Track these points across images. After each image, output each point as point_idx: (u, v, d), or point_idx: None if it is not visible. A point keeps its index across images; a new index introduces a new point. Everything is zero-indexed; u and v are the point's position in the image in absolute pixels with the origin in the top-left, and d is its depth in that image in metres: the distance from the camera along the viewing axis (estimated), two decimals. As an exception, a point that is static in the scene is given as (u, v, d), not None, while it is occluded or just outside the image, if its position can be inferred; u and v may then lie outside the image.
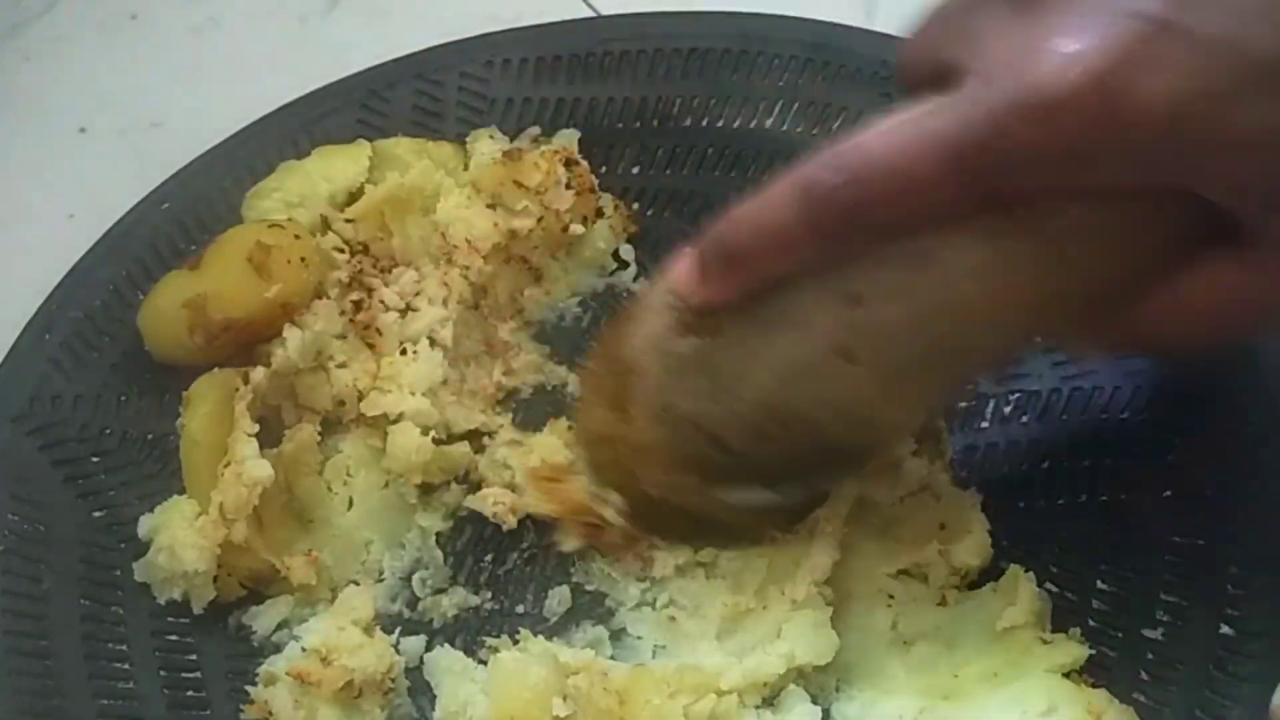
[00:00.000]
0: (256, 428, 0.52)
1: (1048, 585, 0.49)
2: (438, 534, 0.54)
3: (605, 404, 0.46)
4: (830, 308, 0.40)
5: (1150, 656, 0.46)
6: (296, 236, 0.56)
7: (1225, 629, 0.45)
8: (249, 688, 0.48)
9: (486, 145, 0.62)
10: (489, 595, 0.53)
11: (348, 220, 0.59)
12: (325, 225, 0.59)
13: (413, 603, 0.53)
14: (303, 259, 0.56)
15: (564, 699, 0.46)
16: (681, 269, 0.43)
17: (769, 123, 0.63)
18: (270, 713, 0.47)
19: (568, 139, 0.63)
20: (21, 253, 0.65)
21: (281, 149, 0.62)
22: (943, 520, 0.51)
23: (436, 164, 0.61)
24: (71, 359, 0.56)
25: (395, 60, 0.66)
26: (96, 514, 0.53)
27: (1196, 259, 0.39)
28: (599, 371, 0.48)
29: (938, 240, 0.38)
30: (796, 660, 0.48)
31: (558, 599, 0.53)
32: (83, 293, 0.58)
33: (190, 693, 0.49)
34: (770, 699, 0.49)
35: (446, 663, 0.50)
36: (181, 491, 0.53)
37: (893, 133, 0.38)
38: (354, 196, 0.60)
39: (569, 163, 0.61)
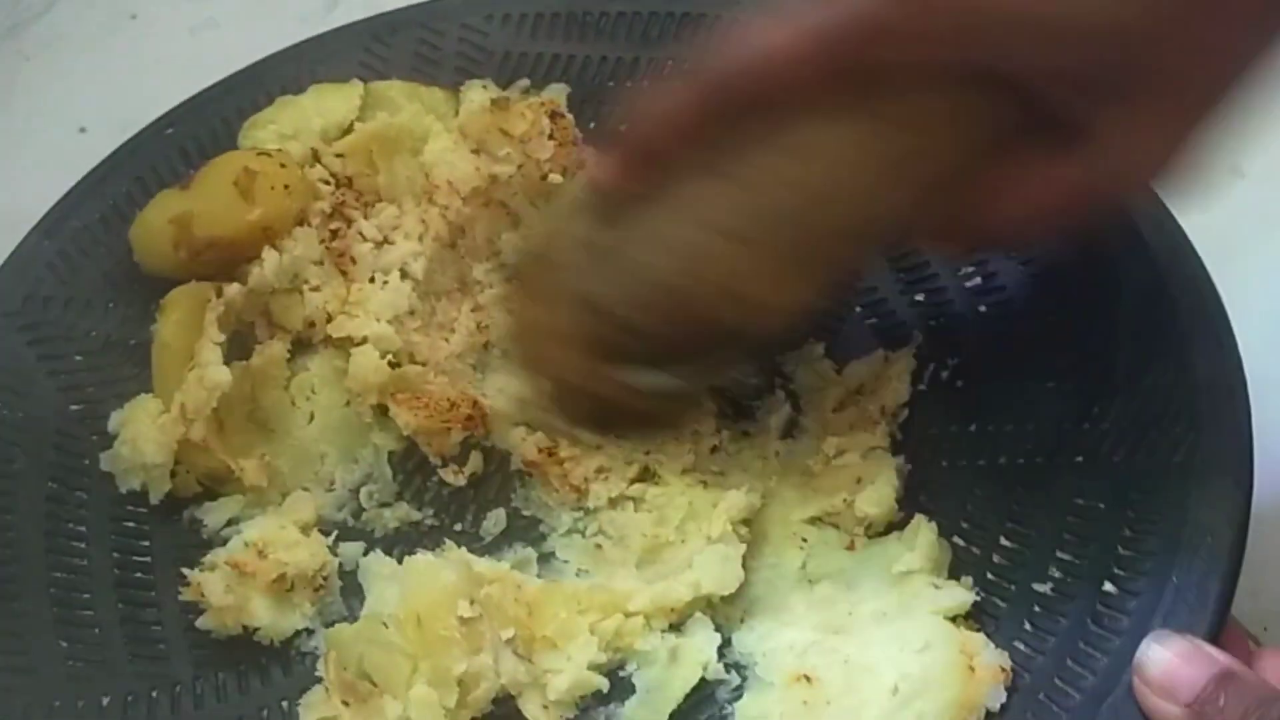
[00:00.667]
0: (223, 337, 0.56)
1: (955, 539, 0.51)
2: (390, 453, 0.57)
3: (532, 298, 0.49)
4: (717, 190, 0.44)
5: (1037, 609, 0.47)
6: (282, 165, 0.60)
7: (1109, 586, 0.46)
8: (186, 570, 0.51)
9: (477, 93, 0.65)
10: (430, 513, 0.56)
11: (337, 155, 0.62)
12: (315, 158, 0.62)
13: (358, 513, 0.56)
14: (286, 186, 0.59)
15: (471, 603, 0.48)
16: (598, 164, 0.47)
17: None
18: (203, 595, 0.50)
19: (556, 93, 0.65)
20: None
21: (284, 86, 0.65)
22: (860, 475, 0.52)
23: (427, 108, 0.64)
24: (66, 265, 0.60)
25: (400, 9, 0.69)
26: (73, 407, 0.57)
27: (1034, 153, 0.43)
28: (528, 270, 0.51)
29: (815, 128, 0.43)
30: (702, 590, 0.50)
31: (494, 520, 0.56)
32: (84, 205, 0.62)
33: (138, 574, 0.53)
34: (677, 625, 0.51)
35: (378, 567, 0.53)
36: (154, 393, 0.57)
37: (770, 24, 0.43)
38: (345, 132, 0.63)
39: (554, 115, 0.63)
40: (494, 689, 0.48)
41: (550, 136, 0.62)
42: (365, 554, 0.54)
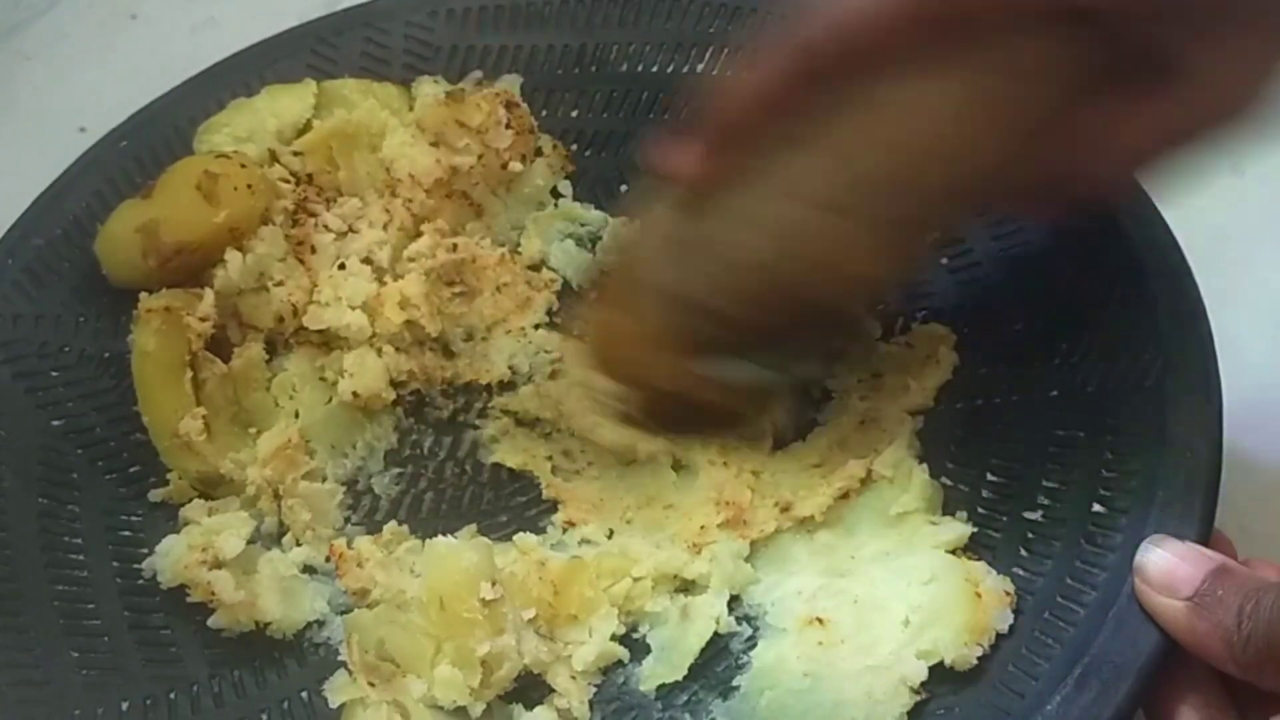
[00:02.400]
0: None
1: (943, 479, 0.53)
2: (386, 453, 0.58)
3: (613, 303, 0.49)
4: (811, 162, 0.43)
5: (1030, 535, 0.49)
6: (243, 166, 0.60)
7: (1097, 507, 0.48)
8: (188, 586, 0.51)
9: (430, 87, 0.66)
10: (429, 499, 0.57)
11: (295, 153, 0.62)
12: (273, 158, 0.63)
13: (354, 506, 0.57)
14: (249, 186, 0.59)
15: (493, 584, 0.49)
16: (677, 156, 0.46)
17: (699, 68, 0.66)
18: (213, 594, 0.50)
19: (510, 83, 0.66)
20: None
21: (234, 91, 0.65)
22: (878, 441, 0.54)
23: (381, 103, 0.65)
24: (33, 282, 0.59)
25: (344, 10, 0.69)
26: (55, 423, 0.56)
27: (1130, 95, 0.43)
28: (608, 276, 0.51)
29: (911, 86, 0.42)
30: (712, 581, 0.51)
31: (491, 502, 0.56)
32: (44, 221, 0.61)
33: (140, 580, 0.52)
34: (685, 586, 0.52)
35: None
36: (133, 405, 0.56)
37: None
38: (301, 132, 0.64)
39: (509, 105, 0.64)
40: (517, 668, 0.48)
41: (507, 125, 0.63)
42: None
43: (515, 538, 0.53)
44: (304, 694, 0.50)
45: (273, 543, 0.54)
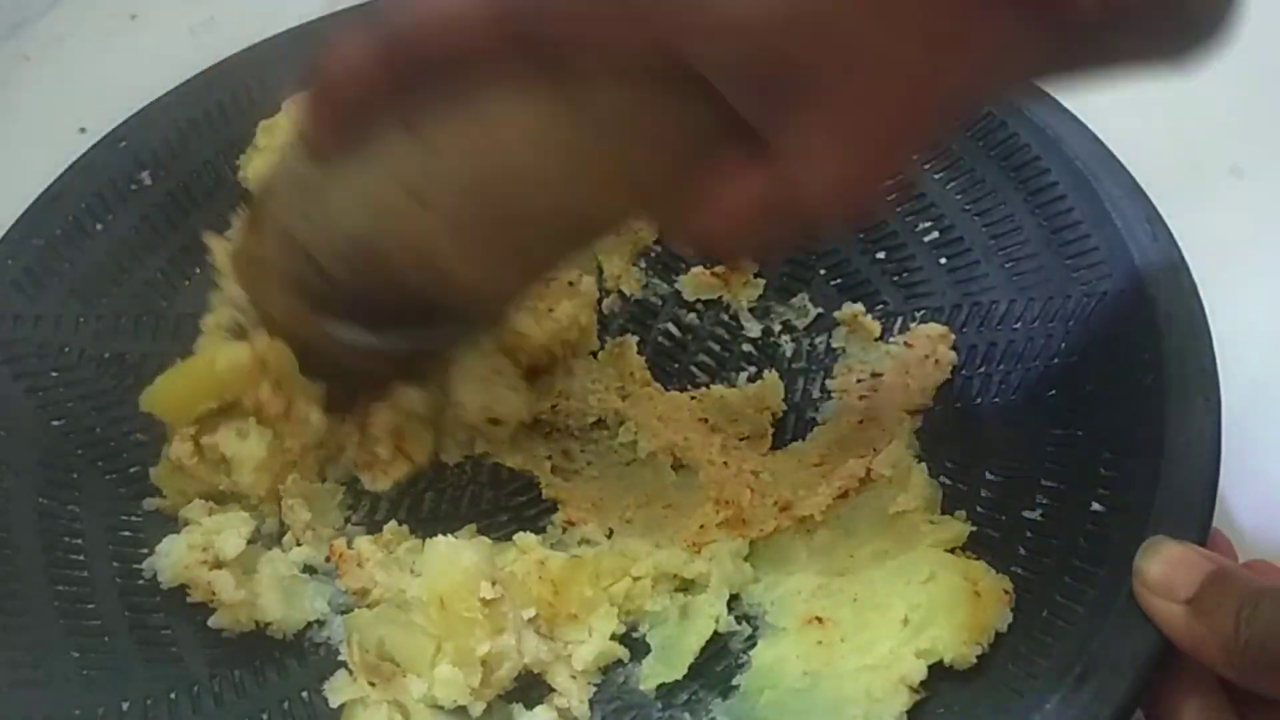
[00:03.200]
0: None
1: (942, 478, 0.53)
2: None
3: (249, 225, 0.49)
4: (407, 148, 0.43)
5: (1029, 535, 0.49)
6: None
7: (1097, 506, 0.48)
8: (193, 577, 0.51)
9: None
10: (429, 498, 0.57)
11: None
12: None
13: (354, 505, 0.56)
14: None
15: (493, 583, 0.49)
16: (300, 107, 0.46)
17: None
18: (214, 594, 0.50)
19: None
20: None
21: (234, 93, 0.66)
22: (877, 440, 0.54)
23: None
24: (32, 282, 0.59)
25: (343, 11, 0.69)
26: (55, 423, 0.56)
27: (731, 160, 0.41)
28: (253, 197, 0.51)
29: (494, 95, 0.42)
30: (711, 580, 0.51)
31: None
32: (45, 222, 0.61)
33: (140, 581, 0.52)
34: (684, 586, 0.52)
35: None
36: (133, 405, 0.56)
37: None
38: None
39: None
40: (517, 668, 0.48)
41: None
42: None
43: (515, 537, 0.53)
44: (304, 694, 0.50)
45: (273, 542, 0.54)
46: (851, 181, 0.40)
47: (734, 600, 0.51)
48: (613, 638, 0.50)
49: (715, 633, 0.50)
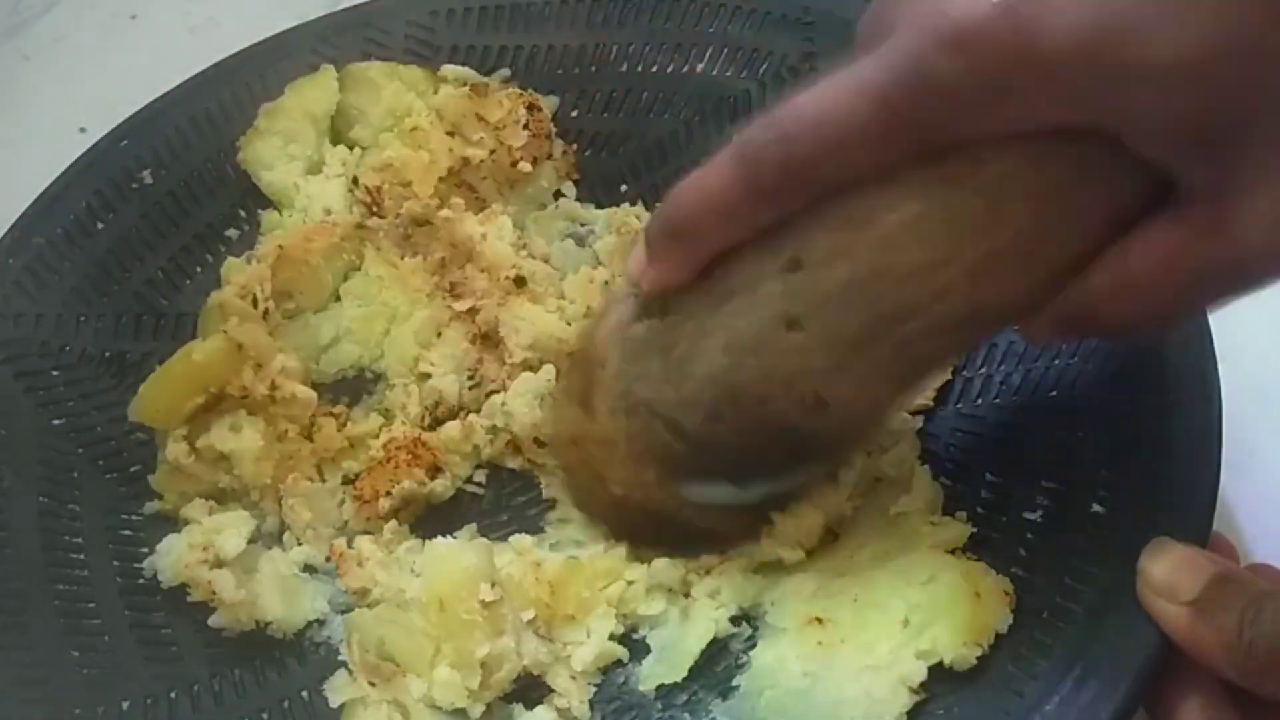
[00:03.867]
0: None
1: (943, 479, 0.52)
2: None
3: (573, 402, 0.47)
4: (772, 274, 0.40)
5: (1029, 536, 0.49)
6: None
7: (1097, 507, 0.48)
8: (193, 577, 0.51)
9: (456, 74, 0.66)
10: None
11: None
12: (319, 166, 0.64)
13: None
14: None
15: (492, 585, 0.48)
16: (634, 254, 0.43)
17: (699, 67, 0.66)
18: (214, 593, 0.50)
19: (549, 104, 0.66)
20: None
21: (235, 93, 0.66)
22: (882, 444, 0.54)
23: (407, 85, 0.65)
24: (34, 281, 0.59)
25: (345, 9, 0.69)
26: (55, 421, 0.56)
27: (1139, 225, 0.38)
28: (569, 370, 0.49)
29: (874, 197, 0.38)
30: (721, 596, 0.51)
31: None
32: (45, 221, 0.61)
33: (140, 580, 0.53)
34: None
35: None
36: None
37: (824, 89, 0.38)
38: (334, 121, 0.65)
39: (531, 107, 0.64)
40: (516, 669, 0.48)
41: (525, 126, 0.63)
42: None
43: (511, 539, 0.53)
44: (304, 693, 0.50)
45: (273, 542, 0.55)
46: None
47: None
48: (611, 638, 0.50)
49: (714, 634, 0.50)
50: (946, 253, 0.39)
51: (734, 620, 0.50)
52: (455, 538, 0.52)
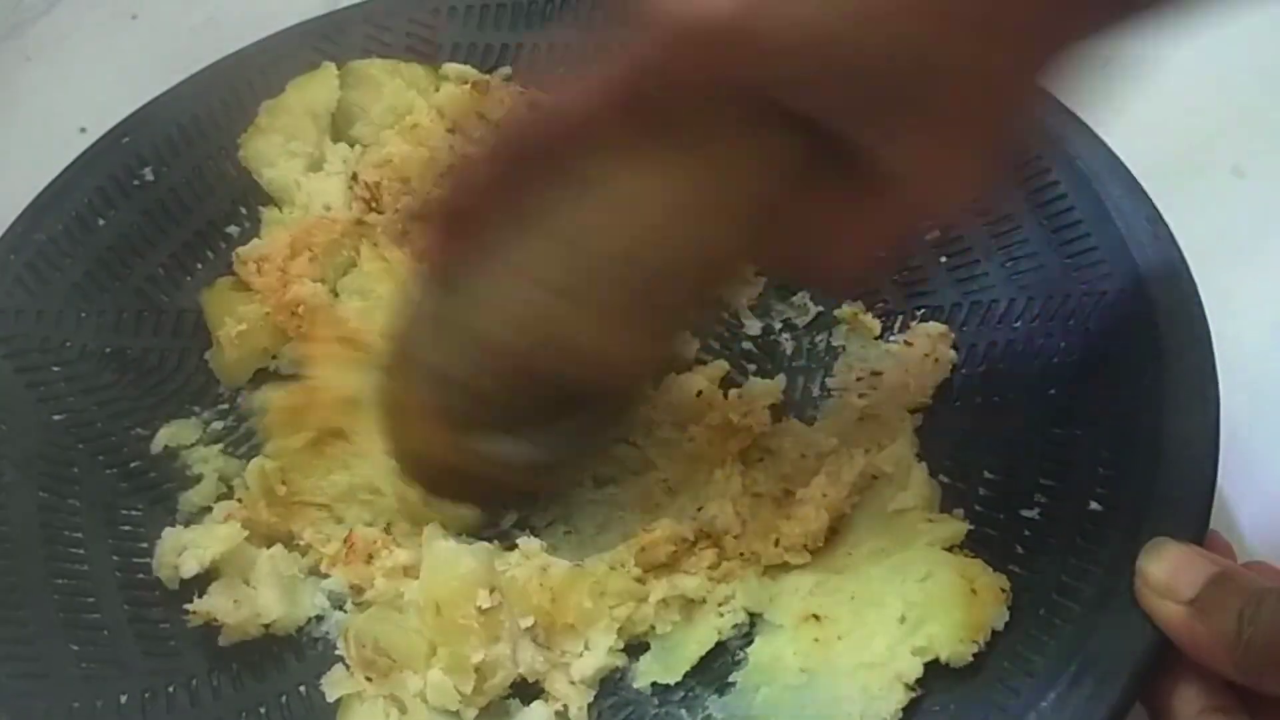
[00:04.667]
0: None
1: (941, 476, 0.53)
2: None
3: (384, 371, 0.49)
4: (537, 245, 0.44)
5: (1026, 534, 0.49)
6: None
7: (1094, 505, 0.48)
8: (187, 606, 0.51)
9: (458, 71, 0.66)
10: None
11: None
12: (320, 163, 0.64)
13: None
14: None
15: (491, 591, 0.48)
16: (422, 238, 0.47)
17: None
18: (214, 618, 0.50)
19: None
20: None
21: (236, 90, 0.66)
22: (880, 436, 0.54)
23: (408, 83, 0.65)
24: (35, 277, 0.60)
25: (345, 9, 0.70)
26: (56, 417, 0.56)
27: (846, 194, 0.42)
28: (387, 347, 0.51)
29: (608, 171, 0.42)
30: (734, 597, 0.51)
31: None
32: (46, 217, 0.61)
33: (140, 575, 0.53)
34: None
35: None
36: (134, 400, 0.58)
37: (557, 80, 0.43)
38: (335, 118, 0.65)
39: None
40: (511, 676, 0.48)
41: None
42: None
43: (519, 541, 0.52)
44: (302, 688, 0.50)
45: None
46: (974, 184, 0.42)
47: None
48: (611, 651, 0.50)
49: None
50: (689, 222, 0.43)
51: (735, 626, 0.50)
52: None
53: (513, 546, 0.52)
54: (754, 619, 0.50)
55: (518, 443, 0.47)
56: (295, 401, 0.55)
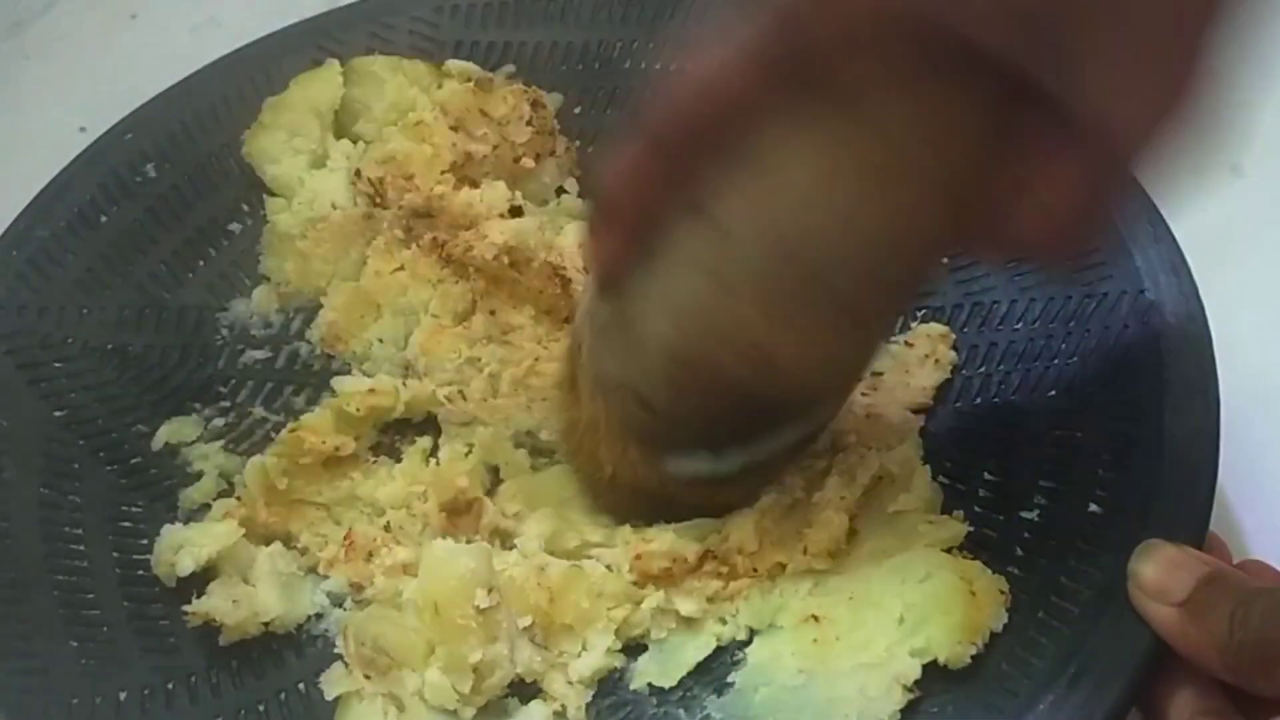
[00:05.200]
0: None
1: (940, 479, 0.52)
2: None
3: (562, 389, 0.48)
4: (697, 235, 0.41)
5: (1026, 535, 0.49)
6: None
7: (1094, 508, 0.48)
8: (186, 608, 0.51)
9: (461, 67, 0.66)
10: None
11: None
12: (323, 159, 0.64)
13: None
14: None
15: (489, 591, 0.47)
16: (588, 245, 0.45)
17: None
18: (213, 619, 0.50)
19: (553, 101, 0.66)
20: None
21: (239, 87, 0.66)
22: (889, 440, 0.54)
23: (411, 80, 0.65)
24: (37, 273, 0.60)
25: (348, 6, 0.70)
26: (57, 413, 0.56)
27: (1033, 151, 0.39)
28: (561, 361, 0.50)
29: (771, 143, 0.39)
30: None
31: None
32: (49, 214, 0.61)
33: (140, 571, 0.53)
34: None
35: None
36: (135, 396, 0.58)
37: (704, 54, 0.39)
38: (338, 114, 0.65)
39: (535, 104, 0.64)
40: (509, 676, 0.48)
41: (528, 123, 0.63)
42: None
43: (518, 542, 0.52)
44: (301, 685, 0.50)
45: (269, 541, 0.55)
46: (1177, 107, 0.37)
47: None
48: (609, 651, 0.50)
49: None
50: (862, 200, 0.39)
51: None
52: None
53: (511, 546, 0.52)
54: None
55: (700, 458, 0.45)
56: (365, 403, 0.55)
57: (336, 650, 0.50)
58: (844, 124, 0.39)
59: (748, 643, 0.50)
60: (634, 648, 0.50)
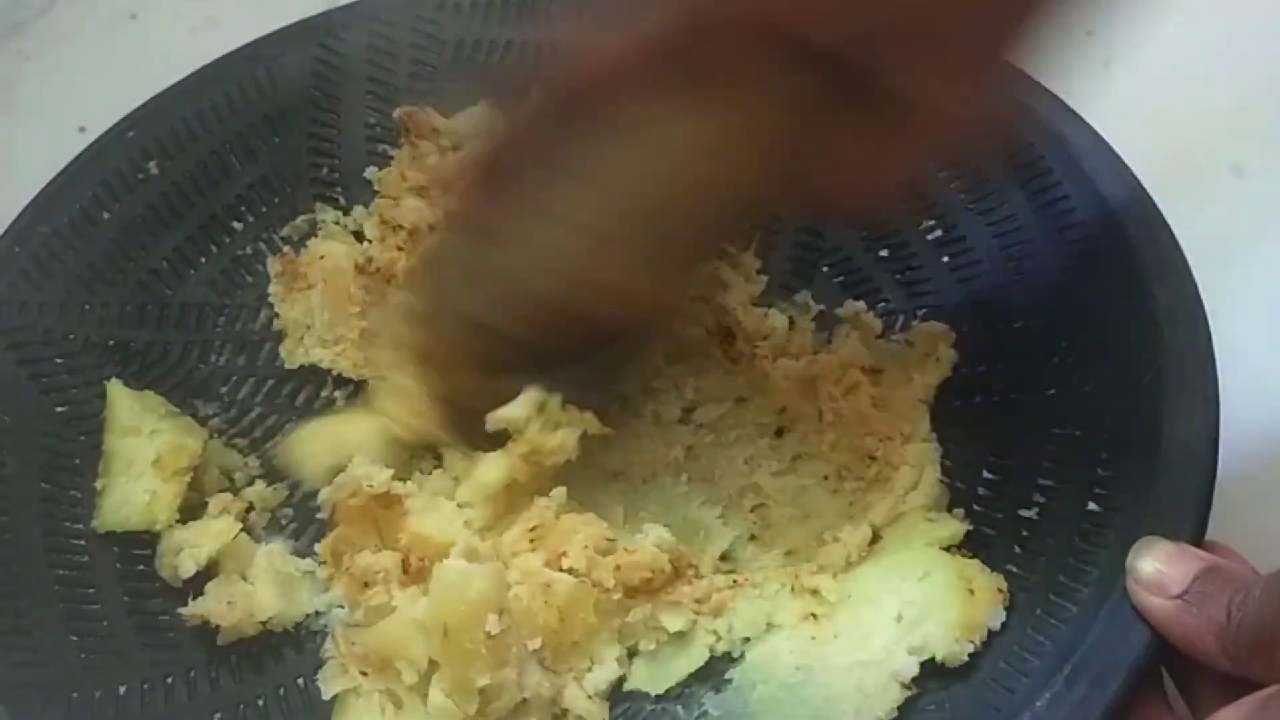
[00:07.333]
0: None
1: (941, 476, 0.53)
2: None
3: (414, 320, 0.50)
4: (564, 191, 0.45)
5: (1025, 533, 0.49)
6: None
7: (1092, 505, 0.48)
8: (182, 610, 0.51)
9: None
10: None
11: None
12: None
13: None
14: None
15: (500, 615, 0.47)
16: (458, 189, 0.48)
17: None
18: (209, 620, 0.50)
19: None
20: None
21: (241, 85, 0.66)
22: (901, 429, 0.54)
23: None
24: (39, 270, 0.60)
25: (348, 6, 0.70)
26: (59, 409, 0.57)
27: (869, 126, 0.44)
28: (412, 295, 0.52)
29: (644, 114, 0.44)
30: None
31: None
32: (51, 210, 0.61)
33: (140, 566, 0.53)
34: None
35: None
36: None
37: (601, 25, 0.44)
38: None
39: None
40: (515, 700, 0.47)
41: None
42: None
43: (516, 561, 0.50)
44: (300, 681, 0.50)
45: (273, 534, 0.55)
46: (984, 110, 0.44)
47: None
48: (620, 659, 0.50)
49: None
50: (717, 160, 0.45)
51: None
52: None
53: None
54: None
55: (544, 383, 0.48)
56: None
57: (336, 648, 0.50)
58: (702, 101, 0.44)
59: (746, 640, 0.50)
60: (632, 650, 0.50)
